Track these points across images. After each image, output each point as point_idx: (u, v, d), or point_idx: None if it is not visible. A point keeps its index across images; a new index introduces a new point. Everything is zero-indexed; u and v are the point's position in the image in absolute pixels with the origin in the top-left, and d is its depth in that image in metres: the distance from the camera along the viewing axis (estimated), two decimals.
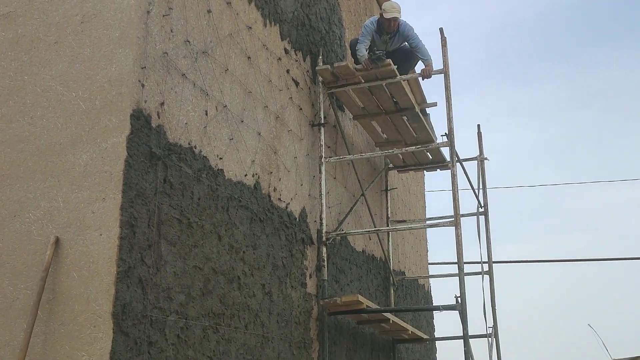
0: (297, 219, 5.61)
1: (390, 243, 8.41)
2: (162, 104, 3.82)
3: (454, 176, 5.97)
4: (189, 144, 4.06)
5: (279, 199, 5.28)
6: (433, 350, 10.61)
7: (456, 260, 5.92)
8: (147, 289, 3.50)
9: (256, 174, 4.91)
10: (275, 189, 5.21)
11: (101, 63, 3.68)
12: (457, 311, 5.67)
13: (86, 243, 3.39)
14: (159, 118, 3.77)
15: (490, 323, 7.80)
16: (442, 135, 6.81)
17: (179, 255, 3.82)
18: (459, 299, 5.67)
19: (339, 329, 6.33)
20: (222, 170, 4.41)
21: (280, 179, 5.33)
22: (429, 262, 10.93)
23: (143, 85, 3.67)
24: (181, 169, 3.94)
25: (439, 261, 11.80)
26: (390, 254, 8.34)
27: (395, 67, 6.21)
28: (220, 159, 4.41)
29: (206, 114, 4.29)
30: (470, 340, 5.89)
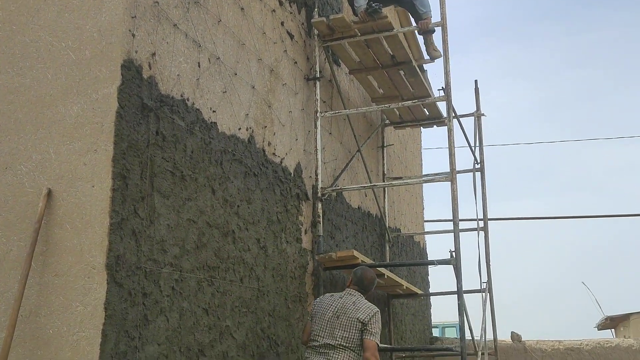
0: (292, 174, 5.59)
1: (386, 200, 8.42)
2: (154, 54, 3.75)
3: (450, 131, 5.93)
4: (182, 96, 4.01)
5: (274, 153, 5.25)
6: (427, 305, 10.73)
7: (451, 217, 5.93)
8: (140, 241, 3.49)
9: (250, 128, 4.87)
10: (269, 144, 5.17)
11: (90, 12, 3.60)
12: (452, 266, 5.70)
13: (78, 195, 3.37)
14: (150, 69, 3.71)
15: (485, 278, 7.87)
16: (438, 90, 6.76)
17: (172, 208, 3.81)
18: (454, 253, 5.70)
19: (334, 284, 6.37)
20: (215, 123, 4.37)
21: (274, 134, 5.29)
22: (424, 219, 10.98)
23: (134, 35, 3.60)
24: (174, 122, 3.89)
25: (435, 218, 11.82)
26: (386, 211, 8.35)
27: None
28: (214, 112, 4.36)
29: (199, 66, 4.23)
30: (464, 295, 5.93)
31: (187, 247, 3.93)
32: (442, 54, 6.29)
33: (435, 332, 15.82)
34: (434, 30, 6.60)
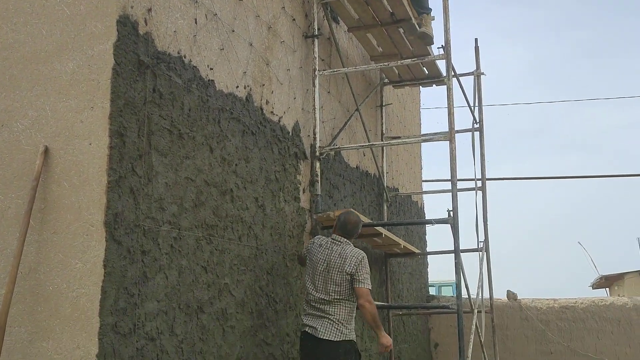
0: (290, 133, 5.56)
1: (384, 159, 8.41)
2: (150, 10, 3.69)
3: (449, 90, 5.88)
4: (179, 53, 3.96)
5: (272, 112, 5.21)
6: (424, 264, 10.82)
7: (450, 177, 5.93)
8: (138, 199, 3.49)
9: (248, 86, 4.82)
10: (267, 102, 5.13)
11: None
12: (449, 224, 5.72)
13: (75, 152, 3.36)
14: (146, 25, 3.66)
15: (482, 238, 7.92)
16: (438, 48, 6.69)
17: (170, 166, 3.80)
18: (452, 212, 5.71)
19: None
20: (212, 81, 4.32)
21: (272, 92, 5.24)
22: (422, 179, 10.99)
23: None
24: (170, 79, 3.85)
25: (434, 178, 11.85)
26: (384, 170, 8.35)
27: None
28: (211, 69, 4.32)
29: (196, 22, 4.16)
30: (462, 256, 5.97)
31: (186, 205, 3.93)
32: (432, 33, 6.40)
33: (432, 291, 16.00)
34: None
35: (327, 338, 4.55)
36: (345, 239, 4.82)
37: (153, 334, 3.53)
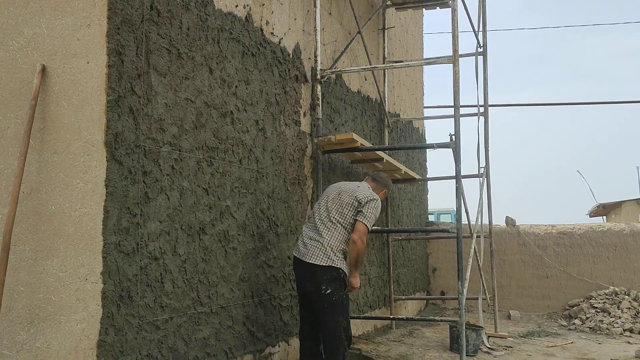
0: (291, 55, 5.47)
1: (386, 84, 8.31)
2: None
3: (454, 11, 5.75)
4: None
5: (272, 33, 5.11)
6: (425, 191, 10.88)
7: (452, 104, 5.87)
8: (138, 119, 3.46)
9: (247, 5, 4.70)
10: (267, 22, 5.02)
11: None
12: (451, 149, 5.70)
13: (73, 71, 3.30)
14: None
15: (483, 164, 7.93)
16: None
17: (169, 87, 3.75)
18: (454, 137, 5.68)
19: (332, 168, 6.41)
20: None
21: (272, 12, 5.12)
22: (424, 105, 10.90)
23: None
24: None
25: (435, 105, 11.72)
26: (386, 95, 8.27)
27: None
28: None
29: None
30: (462, 180, 5.98)
31: (186, 126, 3.90)
32: None
33: (431, 219, 16.17)
34: None
35: (312, 262, 4.46)
36: (370, 185, 4.88)
37: (156, 253, 3.57)
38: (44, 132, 3.32)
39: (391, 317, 7.22)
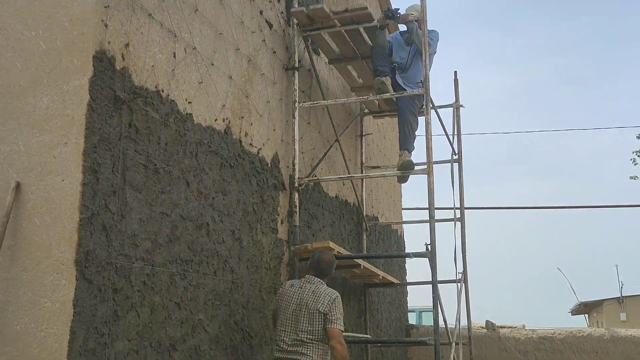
0: (269, 165, 5.54)
1: (364, 188, 8.41)
2: (127, 45, 3.68)
3: (428, 124, 5.91)
4: (156, 87, 3.94)
5: (251, 144, 5.20)
6: (404, 293, 10.80)
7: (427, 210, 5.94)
8: (111, 236, 3.44)
9: (227, 119, 4.81)
10: (246, 134, 5.12)
11: (62, 1, 3.51)
12: (427, 259, 5.71)
13: (48, 189, 3.31)
14: (123, 60, 3.64)
15: (461, 269, 7.92)
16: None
17: (145, 202, 3.76)
18: (429, 246, 5.71)
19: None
20: (190, 114, 4.30)
21: (252, 124, 5.23)
22: (402, 207, 11.01)
23: (106, 26, 3.52)
24: (147, 113, 3.83)
25: (413, 206, 11.87)
26: (364, 199, 8.35)
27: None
28: (189, 103, 4.30)
29: (174, 56, 4.15)
30: (441, 284, 5.97)
31: (160, 240, 3.88)
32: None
33: (412, 317, 15.94)
34: (416, 21, 6.54)
35: None
36: (319, 279, 4.68)
37: None
38: (14, 249, 3.29)
39: None
